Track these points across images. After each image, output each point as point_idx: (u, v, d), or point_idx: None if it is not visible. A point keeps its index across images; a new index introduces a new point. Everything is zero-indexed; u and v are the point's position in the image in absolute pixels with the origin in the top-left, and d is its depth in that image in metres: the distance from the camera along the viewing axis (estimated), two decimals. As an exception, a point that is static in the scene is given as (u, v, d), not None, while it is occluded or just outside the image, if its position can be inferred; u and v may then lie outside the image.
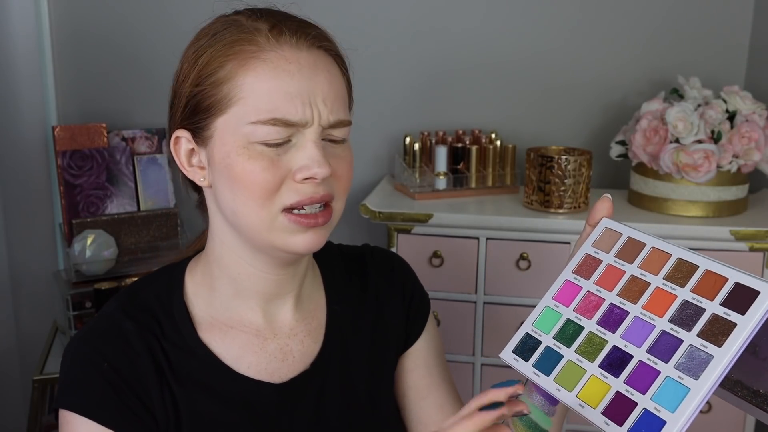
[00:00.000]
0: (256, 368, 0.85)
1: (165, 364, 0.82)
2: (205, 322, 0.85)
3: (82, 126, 1.84)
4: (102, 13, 1.94)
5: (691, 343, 0.66)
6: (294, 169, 0.77)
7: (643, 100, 1.79)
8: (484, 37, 1.94)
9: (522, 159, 1.87)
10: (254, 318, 0.86)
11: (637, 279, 0.74)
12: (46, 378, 1.69)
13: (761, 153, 1.61)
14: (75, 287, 1.73)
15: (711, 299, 0.68)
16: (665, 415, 0.64)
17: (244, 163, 0.75)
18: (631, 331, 0.71)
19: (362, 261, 0.98)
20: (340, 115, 0.79)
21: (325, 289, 0.93)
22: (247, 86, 0.75)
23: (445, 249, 1.65)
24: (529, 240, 1.62)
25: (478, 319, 1.66)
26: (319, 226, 0.79)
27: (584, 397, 0.70)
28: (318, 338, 0.90)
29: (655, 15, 1.91)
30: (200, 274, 0.87)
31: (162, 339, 0.83)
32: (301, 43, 0.78)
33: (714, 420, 1.62)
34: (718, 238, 1.56)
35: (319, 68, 0.78)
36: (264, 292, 0.85)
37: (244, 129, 0.75)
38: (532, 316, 0.79)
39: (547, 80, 1.95)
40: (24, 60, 1.86)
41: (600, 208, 0.80)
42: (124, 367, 0.80)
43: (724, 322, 0.66)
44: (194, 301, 0.86)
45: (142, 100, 1.98)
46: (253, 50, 0.76)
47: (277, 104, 0.75)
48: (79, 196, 1.81)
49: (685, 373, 0.65)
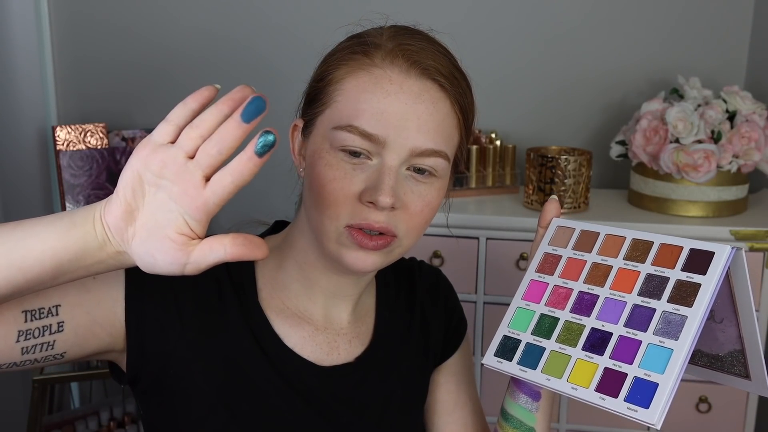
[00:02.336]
0: (301, 349, 0.85)
1: (219, 302, 0.83)
2: (266, 293, 0.86)
3: (82, 126, 1.84)
4: (102, 13, 1.95)
5: (664, 309, 0.72)
6: (362, 189, 0.76)
7: (643, 100, 1.79)
8: (484, 38, 1.94)
9: (522, 159, 1.87)
10: (312, 308, 0.87)
11: (599, 265, 0.79)
12: (46, 378, 1.69)
13: (761, 153, 1.61)
14: (75, 287, 1.73)
15: (672, 268, 0.74)
16: (656, 377, 0.69)
17: (321, 168, 0.76)
18: (605, 311, 0.75)
19: (411, 274, 0.99)
20: (435, 144, 0.77)
21: (376, 296, 0.95)
22: (345, 92, 0.77)
23: (445, 249, 1.65)
24: (529, 240, 1.62)
25: (478, 319, 1.66)
26: (369, 250, 0.77)
27: (574, 380, 0.73)
28: (365, 341, 0.91)
29: (655, 15, 1.91)
30: (273, 250, 0.88)
31: (229, 286, 0.84)
32: (412, 70, 0.77)
33: (714, 420, 1.62)
34: (718, 238, 1.56)
35: (422, 98, 0.77)
36: (324, 288, 0.86)
37: (329, 133, 0.77)
38: (506, 319, 0.82)
39: (547, 80, 1.95)
40: (24, 60, 1.86)
41: (549, 209, 0.85)
42: (204, 296, 0.81)
43: (689, 284, 0.72)
44: (261, 271, 0.87)
45: (142, 100, 1.98)
46: (366, 62, 0.78)
47: (360, 114, 0.75)
48: (79, 196, 1.81)
49: (664, 336, 0.70)
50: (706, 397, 1.62)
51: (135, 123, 1.97)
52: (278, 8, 1.92)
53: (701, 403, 1.62)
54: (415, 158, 0.76)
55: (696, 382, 1.59)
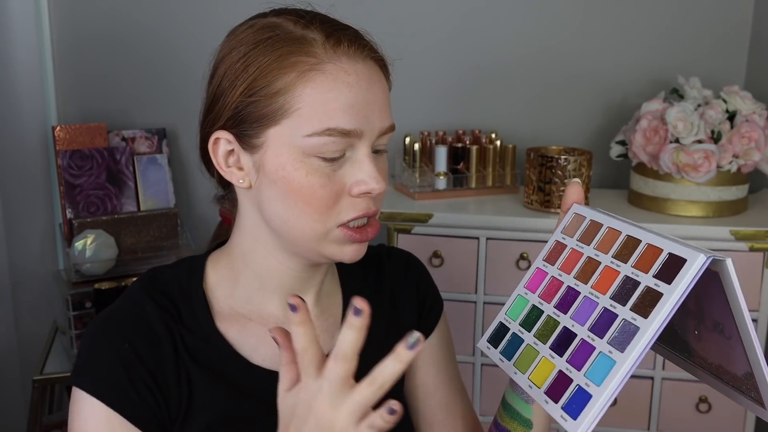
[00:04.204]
0: (271, 360, 0.85)
1: (182, 347, 0.82)
2: (224, 313, 0.86)
3: (82, 126, 1.84)
4: (102, 13, 1.94)
5: (624, 318, 0.66)
6: (349, 183, 0.77)
7: (643, 100, 1.79)
8: (484, 38, 1.94)
9: (522, 159, 1.87)
10: (275, 311, 0.87)
11: (592, 260, 0.74)
12: (46, 378, 1.69)
13: (761, 153, 1.61)
14: (75, 287, 1.73)
15: (646, 272, 0.67)
16: (593, 389, 0.65)
17: (302, 178, 0.76)
18: (580, 311, 0.71)
19: (378, 260, 0.99)
20: (390, 119, 0.81)
21: (341, 287, 0.94)
22: (304, 98, 0.75)
23: (445, 249, 1.65)
24: (529, 240, 1.62)
25: (478, 319, 1.66)
26: (366, 241, 0.80)
27: (534, 378, 0.71)
28: (333, 335, 0.90)
29: (656, 15, 1.91)
30: (224, 265, 0.88)
31: (179, 324, 0.83)
32: (357, 54, 0.78)
33: (714, 420, 1.62)
34: (718, 238, 1.56)
35: (373, 79, 0.78)
36: (288, 286, 0.86)
37: (300, 142, 0.76)
38: (506, 306, 0.81)
39: (547, 80, 1.95)
40: (24, 60, 1.86)
41: (570, 194, 0.83)
42: (144, 349, 0.80)
43: (653, 293, 0.65)
44: (214, 292, 0.87)
45: (142, 100, 1.98)
46: (311, 62, 0.75)
47: (333, 114, 0.75)
48: (79, 196, 1.81)
49: (615, 346, 0.65)
50: (706, 397, 1.62)
51: (135, 123, 1.97)
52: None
53: (701, 403, 1.62)
54: (379, 138, 0.79)
55: (696, 382, 1.59)
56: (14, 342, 1.97)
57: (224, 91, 0.79)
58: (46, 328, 1.92)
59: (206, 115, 0.83)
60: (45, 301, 1.95)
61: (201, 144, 0.85)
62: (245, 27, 0.82)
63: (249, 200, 0.83)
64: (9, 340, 1.96)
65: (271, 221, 0.81)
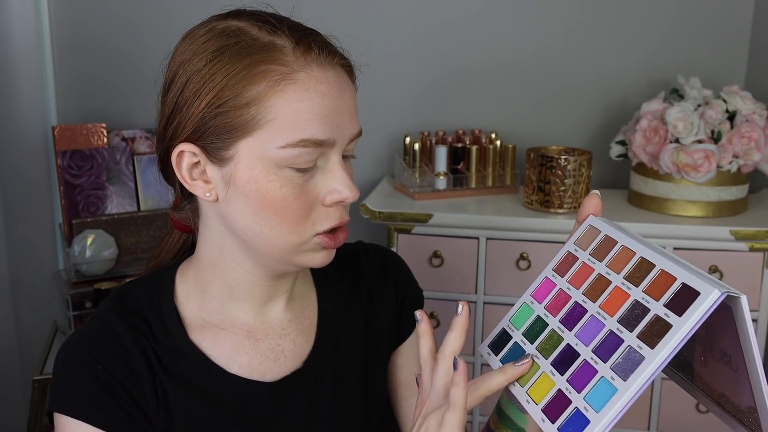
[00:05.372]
0: (247, 368, 0.85)
1: (157, 364, 0.82)
2: (196, 324, 0.85)
3: (82, 126, 1.84)
4: (102, 13, 1.95)
5: (630, 344, 0.65)
6: (322, 193, 0.76)
7: (643, 100, 1.79)
8: (484, 38, 1.94)
9: (522, 159, 1.87)
10: (246, 319, 0.86)
11: (603, 277, 0.72)
12: (46, 378, 1.69)
13: (761, 153, 1.61)
14: (75, 287, 1.73)
15: (657, 300, 0.65)
16: (591, 414, 0.63)
17: (276, 191, 0.75)
18: (585, 330, 0.70)
19: (355, 258, 0.97)
20: (359, 126, 0.80)
21: (316, 287, 0.93)
22: (276, 109, 0.73)
23: (445, 249, 1.65)
24: (529, 240, 1.62)
25: (478, 319, 1.66)
26: (336, 247, 0.80)
27: (532, 393, 0.70)
28: (310, 337, 0.89)
29: (655, 15, 1.91)
30: (192, 277, 0.87)
31: (152, 340, 0.82)
32: (328, 61, 0.76)
33: (714, 420, 1.62)
34: (718, 238, 1.56)
35: (343, 86, 0.77)
36: (259, 295, 0.85)
37: (273, 154, 0.74)
38: (510, 312, 0.79)
39: (547, 80, 1.95)
40: (24, 60, 1.86)
41: (588, 205, 0.80)
42: (119, 369, 0.80)
43: (662, 323, 0.63)
44: (185, 304, 0.86)
45: (142, 100, 1.98)
46: (282, 71, 0.73)
47: (306, 125, 0.73)
48: (79, 196, 1.81)
49: (618, 373, 0.64)
50: (706, 397, 1.62)
51: (135, 123, 1.97)
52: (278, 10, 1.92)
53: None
54: (349, 144, 0.79)
55: (696, 382, 1.59)
56: (14, 342, 1.97)
57: (187, 101, 0.76)
58: (46, 328, 1.92)
59: (166, 125, 0.79)
60: (45, 301, 1.95)
61: (161, 155, 0.81)
62: (204, 30, 0.79)
63: (215, 212, 0.81)
64: (9, 340, 1.96)
65: (242, 233, 0.79)
